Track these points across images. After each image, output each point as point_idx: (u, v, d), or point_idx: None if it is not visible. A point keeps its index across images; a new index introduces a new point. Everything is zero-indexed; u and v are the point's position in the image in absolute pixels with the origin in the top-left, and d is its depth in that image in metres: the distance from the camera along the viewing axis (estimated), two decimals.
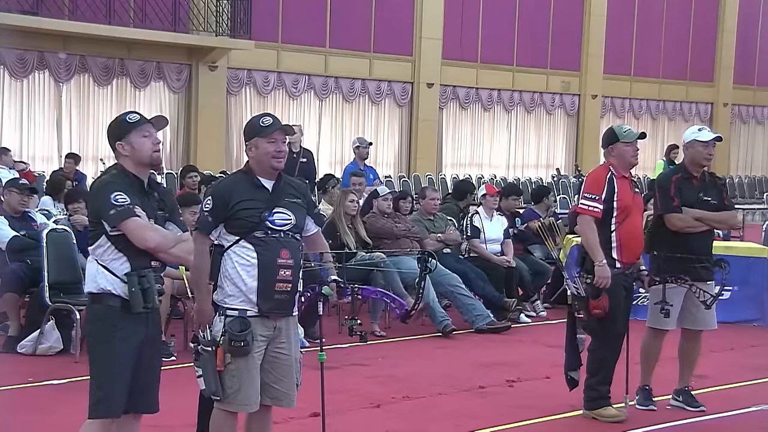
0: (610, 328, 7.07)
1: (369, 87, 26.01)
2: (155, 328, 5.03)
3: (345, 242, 10.20)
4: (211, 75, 22.86)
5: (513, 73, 28.81)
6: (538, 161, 29.94)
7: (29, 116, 20.94)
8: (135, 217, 4.72)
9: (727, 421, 7.42)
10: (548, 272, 12.14)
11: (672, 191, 7.34)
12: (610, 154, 7.22)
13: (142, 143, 4.90)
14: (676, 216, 7.31)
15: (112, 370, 4.80)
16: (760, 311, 11.47)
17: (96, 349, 4.85)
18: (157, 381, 5.08)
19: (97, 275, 4.83)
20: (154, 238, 4.77)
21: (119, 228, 4.73)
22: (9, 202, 9.72)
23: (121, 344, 4.80)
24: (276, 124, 5.29)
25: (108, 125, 5.10)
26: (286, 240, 5.23)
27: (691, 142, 7.46)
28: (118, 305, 4.79)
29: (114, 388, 4.81)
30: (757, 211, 25.40)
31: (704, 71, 33.39)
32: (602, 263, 6.93)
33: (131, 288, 4.76)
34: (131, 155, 4.90)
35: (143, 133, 4.92)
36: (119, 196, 4.72)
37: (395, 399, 7.74)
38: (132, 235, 4.73)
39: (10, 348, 9.08)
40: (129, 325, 4.81)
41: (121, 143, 4.91)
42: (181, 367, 8.28)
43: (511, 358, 9.43)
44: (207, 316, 5.20)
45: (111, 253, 4.80)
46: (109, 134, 5.01)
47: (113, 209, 4.71)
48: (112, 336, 4.79)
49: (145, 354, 4.91)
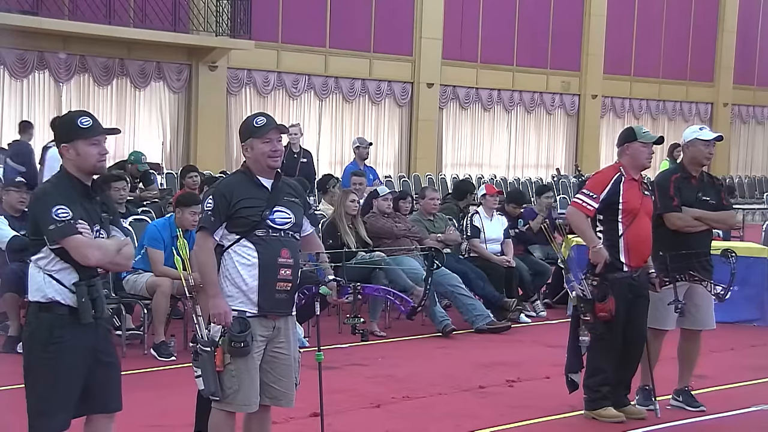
0: (613, 331, 7.07)
1: (369, 87, 26.02)
2: (104, 334, 4.87)
3: (345, 242, 10.20)
4: (211, 75, 22.86)
5: (513, 73, 28.81)
6: (538, 161, 29.94)
7: (29, 116, 20.88)
8: (76, 235, 4.59)
9: (727, 421, 7.42)
10: (548, 272, 12.14)
11: (671, 191, 7.35)
12: (624, 153, 7.20)
13: (87, 152, 4.73)
14: (675, 215, 7.31)
15: (58, 384, 4.66)
16: (760, 311, 11.48)
17: (42, 362, 4.68)
18: (116, 381, 4.89)
19: (44, 285, 4.68)
20: (95, 255, 4.64)
21: (59, 244, 4.61)
22: (9, 202, 9.72)
23: (70, 356, 4.66)
24: (270, 124, 5.30)
25: (57, 119, 4.95)
26: (286, 239, 5.25)
27: (693, 141, 7.46)
28: (66, 313, 4.67)
29: (58, 403, 4.68)
30: (757, 211, 25.38)
31: (704, 71, 33.40)
32: (597, 247, 6.96)
33: (81, 299, 4.63)
34: (75, 161, 4.74)
35: (92, 141, 4.75)
36: (60, 210, 4.58)
37: (395, 399, 7.74)
38: (73, 252, 4.60)
39: (10, 348, 9.08)
40: (77, 334, 4.67)
41: (66, 146, 4.75)
42: (180, 367, 8.28)
43: (511, 358, 9.43)
44: (225, 311, 5.13)
45: (56, 263, 4.68)
46: (57, 132, 4.86)
47: (53, 224, 4.57)
48: (61, 348, 4.65)
49: (98, 358, 4.77)
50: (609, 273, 6.97)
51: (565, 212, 7.60)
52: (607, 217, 7.08)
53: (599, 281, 6.98)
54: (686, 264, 7.26)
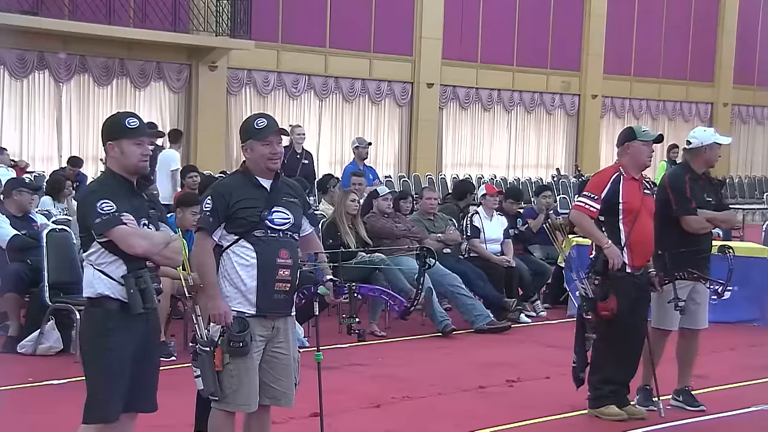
0: (615, 330, 7.08)
1: (369, 87, 26.01)
2: (154, 328, 5.03)
3: (345, 242, 10.20)
4: (211, 75, 22.86)
5: (513, 73, 28.81)
6: (538, 161, 29.93)
7: (29, 116, 20.93)
8: (121, 225, 4.72)
9: (727, 421, 7.42)
10: (548, 272, 12.13)
11: (688, 192, 7.35)
12: (624, 153, 7.20)
13: (132, 151, 4.89)
14: (694, 218, 7.33)
15: (109, 375, 4.79)
16: (760, 311, 11.48)
17: (94, 354, 4.83)
18: (155, 380, 5.07)
19: (93, 280, 4.82)
20: (141, 245, 4.76)
21: (106, 236, 4.73)
22: (20, 202, 9.74)
23: (120, 348, 4.78)
24: (271, 127, 5.30)
25: (106, 119, 5.11)
26: (285, 240, 5.25)
27: (711, 144, 7.49)
28: (116, 308, 4.79)
29: (111, 394, 4.80)
30: (757, 211, 25.38)
31: (704, 71, 33.39)
32: (609, 245, 6.95)
33: (129, 290, 4.76)
34: (118, 159, 4.90)
35: (136, 141, 4.91)
36: (105, 204, 4.72)
37: (395, 399, 7.74)
38: (119, 243, 4.73)
39: (10, 348, 9.08)
40: (128, 327, 4.80)
41: (112, 144, 4.91)
42: (180, 367, 8.28)
43: (511, 358, 9.43)
44: (225, 311, 5.14)
45: (105, 256, 4.80)
46: (105, 130, 5.02)
47: (99, 218, 4.70)
48: (111, 340, 4.78)
49: (145, 354, 4.91)
50: (611, 272, 6.97)
51: (569, 216, 7.59)
52: (609, 217, 7.08)
53: (601, 280, 6.99)
54: (685, 262, 7.27)
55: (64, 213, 12.19)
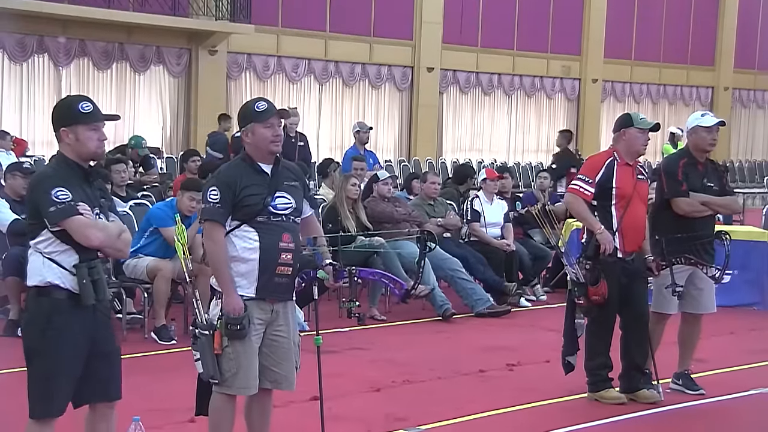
0: (607, 314, 7.11)
1: (369, 71, 25.96)
2: (104, 318, 4.85)
3: (346, 226, 10.20)
4: (211, 59, 22.82)
5: (513, 57, 28.75)
6: (538, 146, 29.90)
7: (29, 100, 20.92)
8: (77, 215, 4.55)
9: (726, 404, 7.45)
10: (548, 256, 12.13)
11: (680, 175, 7.35)
12: (620, 139, 7.21)
13: (88, 137, 4.69)
14: (684, 200, 7.32)
15: (59, 368, 4.63)
16: (760, 295, 11.49)
17: (42, 346, 4.64)
18: (116, 369, 4.87)
19: (43, 268, 4.63)
20: (98, 236, 4.61)
21: (60, 226, 4.57)
22: (13, 186, 9.74)
23: (68, 340, 4.62)
24: (272, 109, 5.30)
25: (57, 104, 4.88)
26: (287, 224, 5.25)
27: (694, 128, 7.47)
28: (64, 298, 4.63)
29: (59, 387, 4.65)
30: (757, 195, 25.39)
31: (705, 55, 33.32)
32: (601, 230, 6.96)
33: (82, 280, 4.59)
34: (74, 146, 4.70)
35: (92, 126, 4.71)
36: (60, 193, 4.54)
37: (395, 383, 7.75)
38: (75, 233, 4.56)
39: (11, 332, 9.10)
40: (77, 319, 4.64)
41: (66, 130, 4.70)
42: (180, 350, 8.30)
43: (511, 342, 9.44)
44: (240, 306, 5.11)
45: (56, 245, 4.63)
46: (56, 116, 4.79)
47: (53, 206, 4.53)
48: (60, 332, 4.61)
49: (98, 344, 4.74)
50: (602, 257, 6.98)
51: (563, 199, 7.61)
52: (601, 202, 7.10)
53: (591, 265, 7.01)
54: (683, 247, 7.28)
55: None
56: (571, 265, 7.14)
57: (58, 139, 4.78)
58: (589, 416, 6.92)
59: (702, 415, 7.21)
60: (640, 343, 7.27)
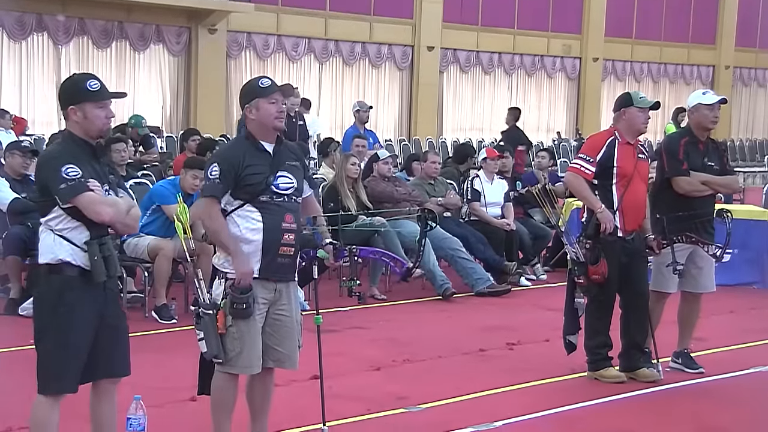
0: (607, 293, 7.12)
1: (369, 50, 25.88)
2: (114, 294, 4.91)
3: (346, 206, 10.20)
4: (211, 38, 22.74)
5: (514, 36, 28.66)
6: (538, 125, 29.84)
7: (28, 79, 20.87)
8: (88, 192, 4.59)
9: (726, 383, 7.46)
10: (548, 236, 12.14)
11: (680, 154, 7.35)
12: (620, 118, 7.21)
13: (96, 115, 4.72)
14: (684, 179, 7.32)
15: (69, 344, 4.65)
16: (760, 274, 11.52)
17: (53, 322, 4.66)
18: (125, 345, 4.91)
19: (54, 245, 4.66)
20: (108, 212, 4.64)
21: (71, 203, 4.60)
22: (11, 165, 9.74)
23: (80, 316, 4.66)
24: (275, 86, 5.31)
25: (64, 83, 4.91)
26: (289, 204, 5.25)
27: (696, 106, 7.46)
28: (76, 275, 4.65)
29: (69, 363, 4.67)
30: (757, 174, 25.37)
31: (706, 34, 33.21)
32: (602, 209, 6.97)
33: (93, 257, 4.62)
34: (82, 124, 4.73)
35: (100, 104, 4.74)
36: (70, 170, 4.57)
37: (396, 362, 7.77)
38: (85, 210, 4.60)
39: (11, 310, 9.11)
40: (87, 294, 4.67)
41: (74, 108, 4.73)
42: (181, 329, 8.32)
43: (511, 322, 9.46)
44: (251, 269, 5.11)
45: (67, 222, 4.66)
46: (64, 94, 4.82)
47: (64, 183, 4.56)
48: (72, 308, 4.64)
49: (107, 320, 4.78)
50: (603, 236, 6.99)
51: (564, 178, 7.61)
52: (602, 181, 7.10)
53: (592, 244, 7.02)
54: (684, 226, 7.29)
55: None
56: (572, 244, 7.15)
57: (66, 117, 4.80)
58: (588, 395, 6.94)
59: (701, 393, 7.22)
60: (640, 322, 7.29)
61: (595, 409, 6.71)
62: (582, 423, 6.43)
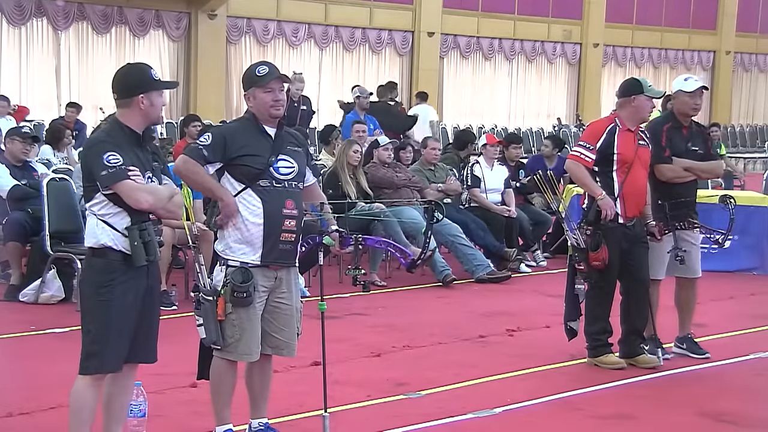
0: (608, 279, 7.12)
1: (369, 36, 25.85)
2: (154, 279, 5.02)
3: (346, 192, 10.19)
4: (211, 23, 22.71)
5: (514, 21, 28.62)
6: (539, 110, 29.84)
7: (28, 64, 20.85)
8: (127, 179, 4.69)
9: (726, 369, 7.46)
10: (549, 222, 12.14)
11: (663, 141, 7.34)
12: (627, 104, 7.16)
13: (160, 103, 4.93)
14: (666, 167, 7.31)
15: (111, 325, 4.77)
16: (759, 260, 11.54)
17: (95, 304, 4.80)
18: (156, 331, 5.07)
19: (97, 230, 4.79)
20: (147, 199, 4.75)
21: (111, 189, 4.71)
22: (11, 151, 9.72)
23: (122, 299, 4.77)
24: (272, 73, 5.27)
25: (128, 71, 5.01)
26: (291, 190, 5.24)
27: (677, 92, 7.44)
28: (119, 259, 4.77)
29: (110, 344, 4.78)
30: (758, 159, 25.36)
31: (707, 19, 33.16)
32: (603, 196, 6.97)
33: (133, 242, 4.74)
34: (147, 111, 4.86)
35: (161, 92, 4.94)
36: (112, 157, 4.68)
37: (396, 348, 7.77)
38: (125, 197, 4.71)
39: (12, 296, 9.11)
40: (130, 278, 4.79)
41: (143, 96, 4.83)
42: (181, 316, 8.32)
43: (511, 308, 9.47)
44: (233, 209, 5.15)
45: (109, 207, 4.77)
46: (130, 82, 4.90)
47: (105, 170, 4.67)
48: (112, 291, 4.76)
49: (146, 305, 4.90)
50: (603, 223, 6.99)
51: (565, 166, 7.60)
52: (603, 168, 7.09)
53: (592, 231, 7.02)
54: (685, 212, 7.28)
55: (64, 162, 12.18)
56: (572, 230, 7.14)
57: (125, 105, 4.86)
58: (588, 381, 6.95)
59: (700, 379, 7.23)
60: (640, 308, 7.29)
61: (595, 395, 6.71)
62: (582, 409, 6.43)
